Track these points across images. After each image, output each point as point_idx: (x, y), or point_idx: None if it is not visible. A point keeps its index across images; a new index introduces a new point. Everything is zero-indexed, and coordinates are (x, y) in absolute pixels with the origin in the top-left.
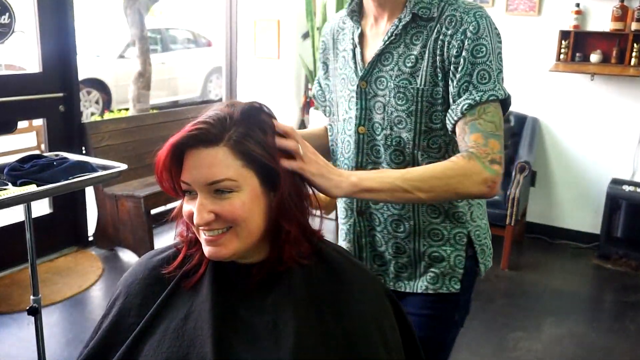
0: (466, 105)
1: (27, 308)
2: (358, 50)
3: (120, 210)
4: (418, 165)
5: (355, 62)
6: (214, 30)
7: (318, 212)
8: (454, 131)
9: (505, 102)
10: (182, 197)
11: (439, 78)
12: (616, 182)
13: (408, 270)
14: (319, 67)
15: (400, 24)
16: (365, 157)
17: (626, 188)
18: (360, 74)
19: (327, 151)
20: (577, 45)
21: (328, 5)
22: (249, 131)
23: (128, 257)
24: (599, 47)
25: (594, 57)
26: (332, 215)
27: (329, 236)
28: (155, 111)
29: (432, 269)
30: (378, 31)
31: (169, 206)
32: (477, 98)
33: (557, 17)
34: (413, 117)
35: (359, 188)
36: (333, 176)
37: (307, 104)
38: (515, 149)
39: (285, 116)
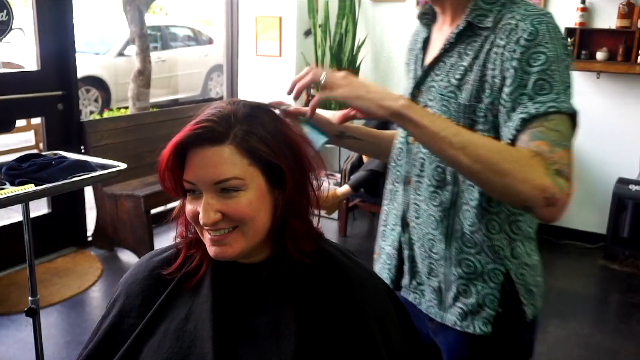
0: (519, 119)
1: (25, 309)
2: (420, 56)
3: (119, 210)
4: (458, 189)
5: (415, 69)
6: (215, 28)
7: (318, 212)
8: None
9: (573, 120)
10: (183, 197)
11: (485, 94)
12: (622, 181)
13: (439, 298)
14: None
15: (457, 31)
16: (411, 168)
17: (632, 188)
18: (414, 82)
19: (384, 153)
20: (583, 43)
21: (330, 2)
22: (254, 129)
23: (127, 257)
24: (605, 45)
25: (600, 55)
26: (335, 215)
27: (330, 236)
28: (155, 110)
29: (460, 304)
30: (441, 37)
31: (169, 206)
32: (533, 111)
33: (562, 15)
34: None
35: (406, 115)
36: (373, 95)
37: (309, 103)
38: None
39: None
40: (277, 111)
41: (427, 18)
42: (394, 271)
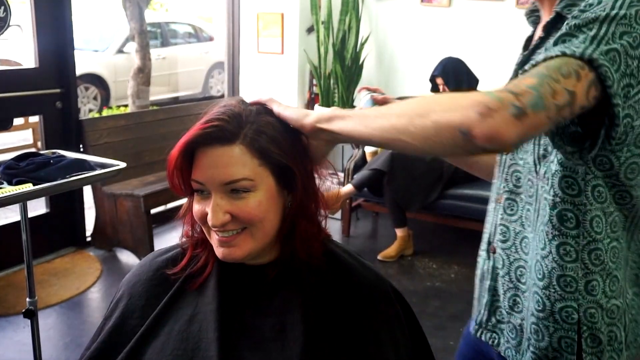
0: (529, 66)
1: (23, 311)
2: (520, 55)
3: (119, 209)
4: (539, 202)
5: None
6: (216, 24)
7: (325, 213)
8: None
9: (595, 68)
10: (191, 196)
11: None
12: None
13: (518, 338)
14: None
15: (545, 24)
16: (503, 183)
17: None
18: (512, 75)
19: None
20: None
21: None
22: (264, 128)
23: (127, 258)
24: None
25: None
26: (338, 215)
27: (332, 236)
28: (155, 108)
29: (532, 348)
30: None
31: (169, 206)
32: (540, 58)
33: None
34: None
35: (328, 115)
36: (308, 111)
37: (312, 101)
38: None
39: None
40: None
41: (536, 16)
42: (476, 304)
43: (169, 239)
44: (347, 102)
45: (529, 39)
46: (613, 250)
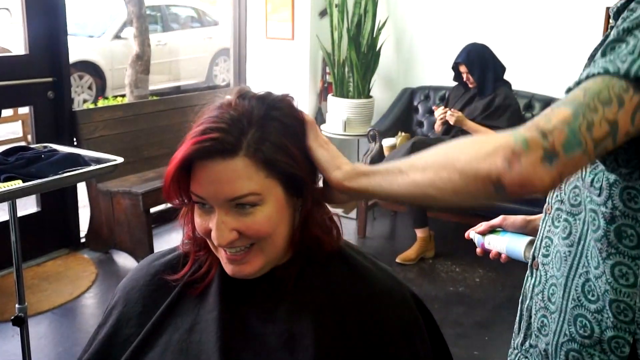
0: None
1: (12, 318)
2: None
3: (115, 208)
4: (597, 215)
5: None
6: (221, 8)
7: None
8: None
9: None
10: (191, 205)
11: None
12: None
13: None
14: None
15: (617, 7)
16: (556, 192)
17: None
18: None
19: None
20: None
21: None
22: (269, 135)
23: (124, 260)
24: None
25: None
26: (353, 214)
27: (347, 237)
28: (155, 98)
29: None
30: None
31: (170, 204)
32: (583, 75)
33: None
34: None
35: (357, 171)
36: (339, 160)
37: (325, 90)
38: None
39: (300, 104)
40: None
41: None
42: (516, 327)
43: (169, 240)
44: (363, 92)
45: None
46: None
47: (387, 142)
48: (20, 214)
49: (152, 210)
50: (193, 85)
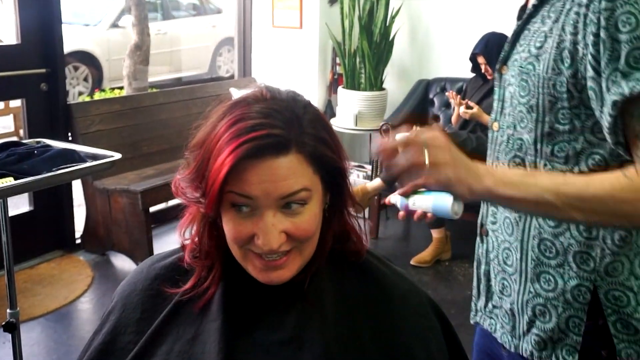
0: (611, 102)
1: (3, 323)
2: (515, 26)
3: (113, 207)
4: None
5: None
6: None
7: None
8: (618, 143)
9: None
10: (195, 205)
11: (565, 65)
12: None
13: (511, 323)
14: None
15: None
16: (494, 161)
17: None
18: (502, 55)
19: None
20: None
21: None
22: (313, 129)
23: (122, 263)
24: None
25: None
26: (365, 213)
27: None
28: (154, 90)
29: (536, 330)
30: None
31: (171, 203)
32: (627, 91)
33: None
34: (534, 114)
35: (494, 194)
36: (469, 177)
37: (335, 82)
38: None
39: (309, 96)
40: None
41: None
42: (475, 292)
43: (169, 241)
44: (375, 84)
45: (523, 8)
46: None
47: (400, 136)
48: (11, 213)
49: (152, 209)
50: (195, 76)
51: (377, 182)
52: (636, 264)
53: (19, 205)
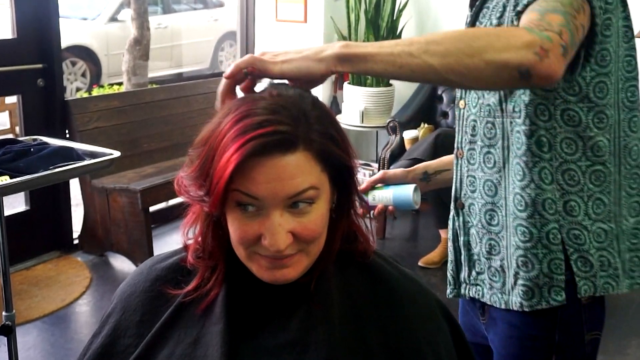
0: (515, 14)
1: None
2: (467, 16)
3: (112, 207)
4: (507, 139)
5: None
6: None
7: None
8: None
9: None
10: (212, 210)
11: (516, 24)
12: None
13: (502, 279)
14: None
15: None
16: (463, 136)
17: None
18: None
19: None
20: None
21: None
22: (320, 126)
23: (121, 264)
24: None
25: None
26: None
27: None
28: (154, 86)
29: (522, 281)
30: None
31: (171, 202)
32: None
33: None
34: (496, 93)
35: (348, 53)
36: (307, 53)
37: (340, 78)
38: None
39: (313, 93)
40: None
41: None
42: (452, 267)
43: (170, 241)
44: (382, 80)
45: None
46: (596, 174)
47: (408, 135)
48: (7, 213)
49: (152, 209)
50: (196, 72)
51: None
52: (589, 205)
53: (15, 204)
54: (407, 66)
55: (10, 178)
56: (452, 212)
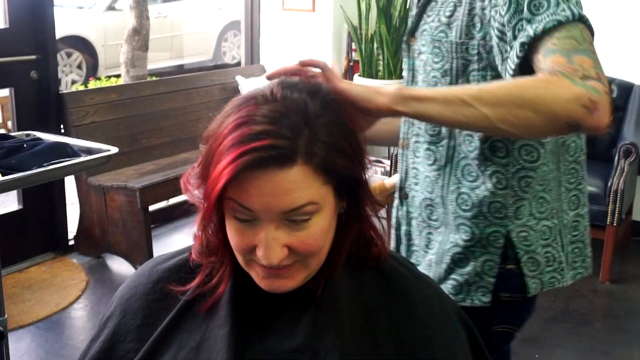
0: (519, 45)
1: None
2: (410, 19)
3: (109, 206)
4: (454, 139)
5: (412, 15)
6: None
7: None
8: None
9: (585, 24)
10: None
11: (477, 29)
12: None
13: (431, 272)
14: None
15: None
16: (409, 127)
17: None
18: (409, 28)
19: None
20: None
21: None
22: (327, 135)
23: (119, 266)
24: None
25: None
26: (382, 212)
27: None
28: (154, 78)
29: (455, 275)
30: None
31: (172, 201)
32: (531, 33)
33: None
34: (448, 78)
35: (406, 94)
36: (371, 86)
37: (350, 70)
38: (618, 128)
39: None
40: None
41: None
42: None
43: (170, 242)
44: (394, 72)
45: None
46: (541, 174)
47: None
48: None
49: (151, 208)
50: (198, 63)
51: (396, 178)
52: (533, 205)
53: (7, 203)
54: (461, 113)
55: (2, 175)
56: (396, 201)
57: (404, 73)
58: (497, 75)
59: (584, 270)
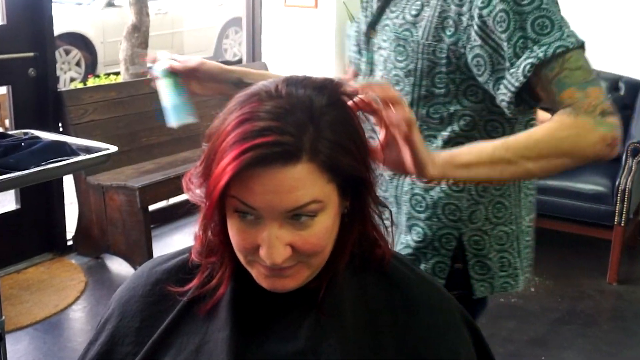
0: (528, 64)
1: None
2: (370, 13)
3: (108, 205)
4: (435, 140)
5: (371, 5)
6: None
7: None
8: (511, 102)
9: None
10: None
11: (448, 34)
12: None
13: None
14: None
15: None
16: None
17: None
18: (369, 20)
19: None
20: None
21: None
22: (332, 133)
23: (118, 266)
24: None
25: None
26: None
27: None
28: None
29: None
30: None
31: (172, 201)
32: (541, 55)
33: None
34: (412, 78)
35: (455, 163)
36: (427, 155)
37: None
38: (626, 127)
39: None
40: None
41: None
42: None
43: (171, 242)
44: None
45: None
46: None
47: None
48: None
49: (151, 207)
50: None
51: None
52: (490, 209)
53: (5, 203)
54: (507, 172)
55: (0, 175)
56: None
57: (362, 66)
58: (467, 79)
59: (529, 274)
